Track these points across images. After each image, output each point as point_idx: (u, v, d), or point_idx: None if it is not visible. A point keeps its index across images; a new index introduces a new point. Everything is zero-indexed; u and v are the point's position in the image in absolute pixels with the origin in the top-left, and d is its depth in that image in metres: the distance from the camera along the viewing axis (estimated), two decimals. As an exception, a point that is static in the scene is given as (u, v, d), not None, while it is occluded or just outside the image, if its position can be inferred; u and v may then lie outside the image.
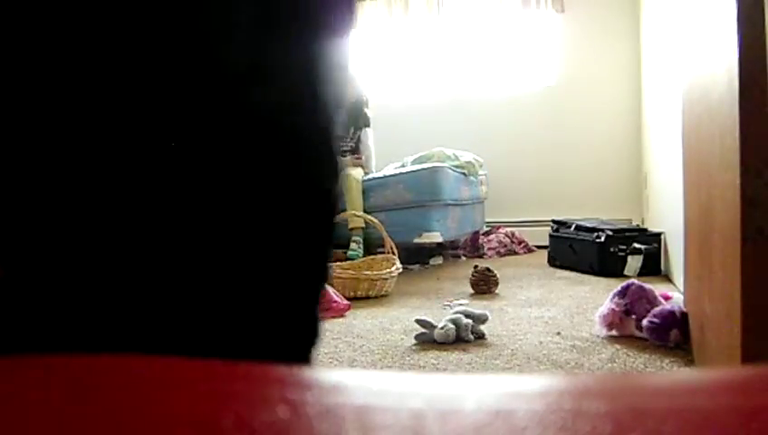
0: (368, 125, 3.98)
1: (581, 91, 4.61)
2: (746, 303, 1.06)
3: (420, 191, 3.47)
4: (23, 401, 0.19)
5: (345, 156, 3.87)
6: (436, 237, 3.47)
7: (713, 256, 1.32)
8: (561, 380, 0.21)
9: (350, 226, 3.47)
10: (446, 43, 4.98)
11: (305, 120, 0.45)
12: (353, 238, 3.50)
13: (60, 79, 0.38)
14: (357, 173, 3.71)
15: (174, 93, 0.39)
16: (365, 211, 3.42)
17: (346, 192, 3.60)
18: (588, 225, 3.39)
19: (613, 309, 1.86)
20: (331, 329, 2.14)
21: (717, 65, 1.22)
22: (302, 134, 0.45)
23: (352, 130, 3.96)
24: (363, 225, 3.40)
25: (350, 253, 3.43)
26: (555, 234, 3.57)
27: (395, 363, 1.71)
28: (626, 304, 1.85)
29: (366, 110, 4.00)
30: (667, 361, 1.62)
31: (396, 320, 2.24)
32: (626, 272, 3.00)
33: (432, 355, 1.77)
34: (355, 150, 3.95)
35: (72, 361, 0.23)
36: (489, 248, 4.18)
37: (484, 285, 2.70)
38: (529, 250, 4.28)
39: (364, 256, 3.35)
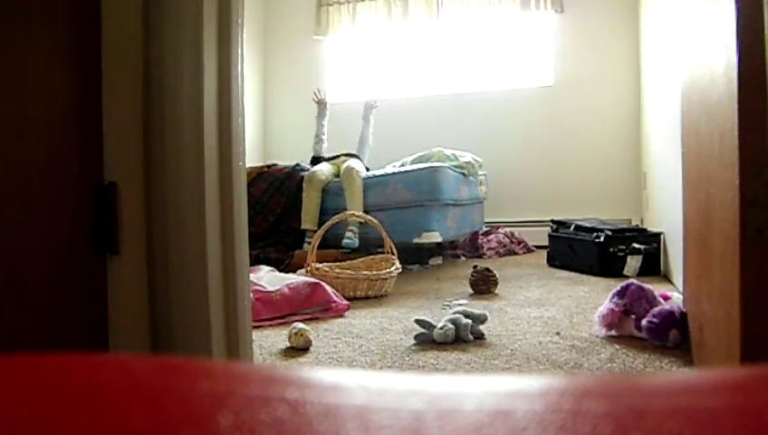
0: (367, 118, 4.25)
1: (581, 91, 4.61)
2: (745, 303, 1.06)
3: (420, 191, 3.46)
4: (22, 400, 0.19)
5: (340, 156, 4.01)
6: (435, 237, 3.47)
7: (712, 256, 1.32)
8: (560, 380, 0.21)
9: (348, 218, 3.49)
10: (446, 43, 4.98)
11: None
12: (349, 228, 3.47)
13: None
14: (359, 165, 3.72)
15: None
16: (364, 210, 3.41)
17: (348, 186, 3.59)
18: (587, 225, 3.39)
19: (612, 309, 1.85)
20: (330, 329, 2.14)
21: (717, 65, 1.22)
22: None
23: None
24: (361, 219, 3.39)
25: (345, 241, 3.41)
26: (555, 234, 3.57)
27: (394, 363, 1.71)
28: (625, 304, 1.85)
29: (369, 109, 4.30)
30: (666, 361, 1.62)
31: (395, 320, 2.23)
32: (625, 272, 3.00)
33: (431, 355, 1.77)
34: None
35: (72, 361, 0.23)
36: (488, 248, 4.18)
37: (484, 285, 2.70)
38: (528, 250, 4.28)
39: (363, 255, 3.34)
